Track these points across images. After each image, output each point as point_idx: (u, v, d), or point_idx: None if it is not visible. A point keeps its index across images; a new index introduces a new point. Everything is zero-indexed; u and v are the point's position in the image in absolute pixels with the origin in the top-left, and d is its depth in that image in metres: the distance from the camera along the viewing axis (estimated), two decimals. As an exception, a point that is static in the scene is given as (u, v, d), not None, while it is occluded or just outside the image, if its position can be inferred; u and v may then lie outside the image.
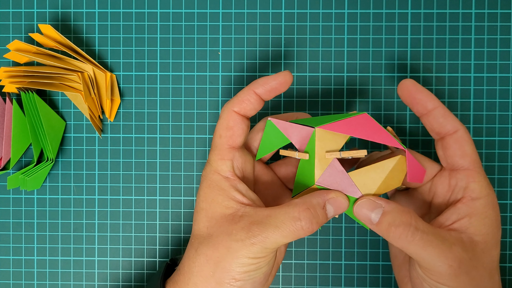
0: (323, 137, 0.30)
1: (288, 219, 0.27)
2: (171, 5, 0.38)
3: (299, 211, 0.27)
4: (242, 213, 0.28)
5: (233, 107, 0.30)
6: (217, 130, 0.31)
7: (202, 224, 0.29)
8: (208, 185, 0.30)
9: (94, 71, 0.37)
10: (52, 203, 0.39)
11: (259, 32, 0.38)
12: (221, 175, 0.30)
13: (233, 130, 0.30)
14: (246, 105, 0.30)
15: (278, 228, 0.27)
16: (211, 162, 0.30)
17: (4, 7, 0.39)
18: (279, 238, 0.27)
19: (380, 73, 0.38)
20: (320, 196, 0.28)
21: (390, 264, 0.38)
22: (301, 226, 0.27)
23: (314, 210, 0.27)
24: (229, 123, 0.30)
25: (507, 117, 0.38)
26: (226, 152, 0.30)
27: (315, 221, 0.27)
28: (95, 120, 0.37)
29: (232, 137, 0.30)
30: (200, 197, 0.30)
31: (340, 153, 0.29)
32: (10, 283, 0.39)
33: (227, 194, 0.29)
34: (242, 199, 0.29)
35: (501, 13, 0.38)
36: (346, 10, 0.38)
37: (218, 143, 0.30)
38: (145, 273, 0.39)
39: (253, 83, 0.30)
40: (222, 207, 0.29)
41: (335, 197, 0.28)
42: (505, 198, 0.38)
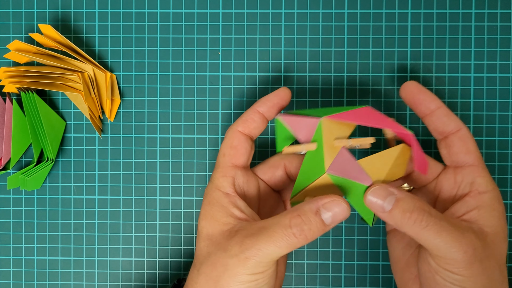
0: (329, 127, 0.30)
1: (280, 228, 0.26)
2: (171, 5, 0.38)
3: (290, 218, 0.26)
4: (238, 228, 0.28)
5: (237, 127, 0.31)
6: (221, 150, 0.31)
7: (203, 243, 0.29)
8: (208, 202, 0.30)
9: (94, 71, 0.37)
10: (52, 203, 0.39)
11: (259, 32, 0.38)
12: (222, 191, 0.30)
13: (237, 149, 0.31)
14: (250, 124, 0.31)
15: (270, 238, 0.26)
16: (213, 179, 0.31)
17: (4, 7, 0.39)
18: (273, 248, 0.26)
19: (380, 73, 0.38)
20: (313, 202, 0.27)
21: (390, 264, 0.38)
22: (292, 234, 0.26)
23: (305, 216, 0.26)
24: (233, 142, 0.31)
25: (507, 117, 0.38)
26: (228, 169, 0.30)
27: (307, 228, 0.26)
28: (95, 120, 0.37)
29: (235, 156, 0.31)
30: (201, 215, 0.30)
31: (349, 140, 0.29)
32: (10, 283, 0.39)
33: (226, 211, 0.29)
34: (240, 215, 0.29)
35: (501, 13, 0.38)
36: (346, 10, 0.38)
37: (221, 161, 0.31)
38: (145, 273, 0.39)
39: (255, 104, 0.31)
40: (220, 224, 0.29)
41: (330, 201, 0.27)
42: (505, 198, 0.38)
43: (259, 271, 0.26)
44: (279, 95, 0.31)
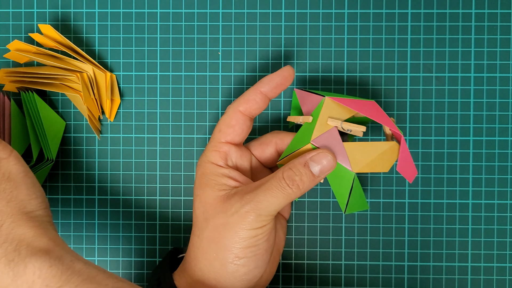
0: (330, 106, 0.32)
1: (275, 180, 0.29)
2: (171, 5, 0.38)
3: (283, 171, 0.29)
4: (235, 190, 0.30)
5: (238, 106, 0.31)
6: (218, 124, 0.32)
7: (198, 210, 0.30)
8: (202, 172, 0.31)
9: (94, 71, 0.37)
10: (52, 203, 0.39)
11: (259, 32, 0.38)
12: (214, 163, 0.31)
13: (234, 128, 0.31)
14: (252, 105, 0.31)
15: (268, 190, 0.28)
16: (206, 152, 0.32)
17: (4, 7, 0.39)
18: (271, 199, 0.28)
19: (380, 73, 0.38)
20: (302, 156, 0.30)
21: (390, 264, 0.38)
22: (286, 184, 0.28)
23: (295, 168, 0.29)
24: (231, 121, 0.31)
25: (507, 117, 0.38)
26: (221, 145, 0.31)
27: (298, 179, 0.29)
28: (94, 121, 0.37)
29: (231, 135, 0.31)
30: (195, 185, 0.31)
31: (342, 122, 0.31)
32: (10, 283, 0.39)
33: (220, 180, 0.30)
34: (235, 183, 0.30)
35: (501, 13, 0.38)
36: (346, 10, 0.38)
37: (217, 136, 0.32)
38: (145, 273, 0.39)
39: (258, 83, 0.31)
40: (215, 190, 0.30)
41: (316, 154, 0.29)
42: (505, 198, 0.38)
43: (259, 225, 0.28)
44: (282, 75, 0.31)
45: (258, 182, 0.30)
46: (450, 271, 0.38)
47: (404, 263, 0.38)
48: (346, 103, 0.31)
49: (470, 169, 0.38)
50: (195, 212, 0.31)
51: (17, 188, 0.27)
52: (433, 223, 0.38)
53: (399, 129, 0.31)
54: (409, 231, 0.38)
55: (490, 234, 0.38)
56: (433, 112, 0.38)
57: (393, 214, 0.38)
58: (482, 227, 0.38)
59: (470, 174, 0.38)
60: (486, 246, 0.38)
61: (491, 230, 0.38)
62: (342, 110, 0.32)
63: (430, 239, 0.38)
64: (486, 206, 0.38)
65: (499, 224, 0.38)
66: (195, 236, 0.31)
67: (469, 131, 0.38)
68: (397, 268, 0.38)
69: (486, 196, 0.38)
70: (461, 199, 0.38)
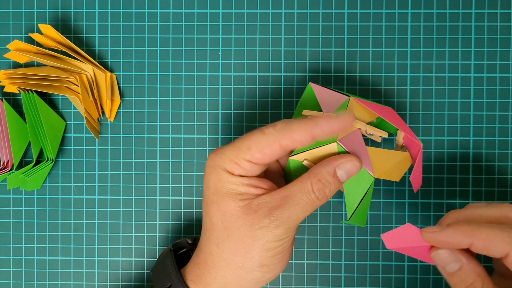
0: (354, 107, 0.31)
1: (304, 195, 0.28)
2: (171, 5, 0.38)
3: (311, 183, 0.28)
4: (258, 201, 0.28)
5: (282, 139, 0.28)
6: (250, 139, 0.28)
7: (216, 218, 0.29)
8: (218, 179, 0.29)
9: (94, 71, 0.37)
10: (52, 203, 0.39)
11: (259, 32, 0.38)
12: (230, 173, 0.29)
13: (264, 157, 0.28)
14: (296, 145, 0.28)
15: (297, 205, 0.28)
16: (224, 159, 0.29)
17: (4, 7, 0.39)
18: (300, 213, 0.28)
19: (380, 73, 0.38)
20: (329, 164, 0.29)
21: (390, 264, 0.38)
22: (316, 198, 0.28)
23: (325, 179, 0.28)
24: (266, 148, 0.28)
25: (507, 117, 0.38)
26: (245, 162, 0.28)
27: (328, 190, 0.28)
28: (92, 123, 0.37)
29: (259, 159, 0.28)
30: (210, 190, 0.29)
31: (366, 125, 0.31)
32: (10, 283, 0.39)
33: (240, 190, 0.29)
34: (256, 191, 0.29)
35: (501, 13, 0.38)
36: (346, 10, 0.38)
37: (243, 151, 0.28)
38: (145, 273, 0.39)
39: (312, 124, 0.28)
40: (235, 200, 0.28)
41: (345, 161, 0.29)
42: (505, 198, 0.38)
43: (286, 235, 0.28)
44: (342, 126, 0.28)
45: (283, 192, 0.28)
46: (450, 271, 0.38)
47: (404, 263, 0.38)
48: (369, 105, 0.31)
49: (470, 169, 0.38)
50: (211, 219, 0.29)
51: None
52: (433, 223, 0.38)
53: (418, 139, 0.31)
54: (409, 231, 0.38)
55: (490, 234, 0.38)
56: (433, 112, 0.38)
57: (393, 214, 0.38)
58: (482, 227, 0.38)
59: (470, 174, 0.38)
60: (486, 246, 0.38)
61: (491, 230, 0.38)
62: (366, 113, 0.32)
63: (430, 239, 0.38)
64: (486, 206, 0.38)
65: (499, 224, 0.38)
66: (212, 244, 0.29)
67: (469, 131, 0.38)
68: (397, 268, 0.38)
69: (486, 196, 0.38)
70: (461, 199, 0.38)
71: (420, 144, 0.31)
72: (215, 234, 0.29)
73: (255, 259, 0.28)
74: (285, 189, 0.28)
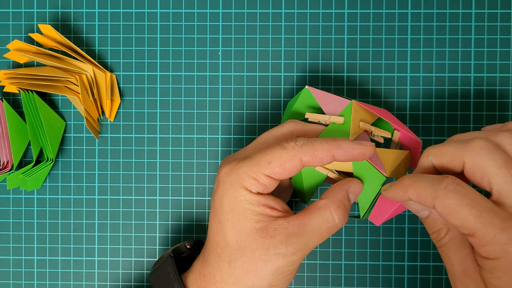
0: (358, 109, 0.32)
1: (324, 222, 0.28)
2: (171, 5, 0.38)
3: (331, 211, 0.28)
4: (275, 226, 0.28)
5: (303, 155, 0.28)
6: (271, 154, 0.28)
7: (230, 237, 0.29)
8: (234, 197, 0.28)
9: (94, 71, 0.37)
10: (52, 203, 0.39)
11: (259, 32, 0.38)
12: (249, 190, 0.28)
13: (285, 172, 0.28)
14: (316, 162, 0.28)
15: (316, 233, 0.28)
16: (242, 175, 0.28)
17: (4, 7, 0.39)
18: (317, 241, 0.28)
19: (380, 73, 0.38)
20: (342, 189, 0.29)
21: (390, 264, 0.38)
22: (336, 224, 0.29)
23: (343, 205, 0.29)
24: (287, 164, 0.28)
25: (507, 117, 0.38)
26: (264, 177, 0.28)
27: (347, 214, 0.29)
28: (92, 123, 0.37)
29: (278, 174, 0.28)
30: (224, 207, 0.29)
31: (372, 127, 0.32)
32: (10, 283, 0.39)
33: (256, 210, 0.28)
34: (272, 213, 0.28)
35: (501, 13, 0.38)
36: (346, 10, 0.38)
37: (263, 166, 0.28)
38: (145, 273, 0.39)
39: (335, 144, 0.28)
40: (252, 221, 0.28)
41: (353, 185, 0.30)
42: (505, 198, 0.38)
43: (300, 260, 0.29)
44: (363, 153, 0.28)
45: (300, 218, 0.28)
46: (450, 271, 0.38)
47: (404, 263, 0.38)
48: (370, 108, 0.32)
49: (470, 169, 0.38)
50: (225, 236, 0.29)
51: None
52: (433, 223, 0.38)
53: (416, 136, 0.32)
54: (409, 231, 0.38)
55: (490, 234, 0.38)
56: (433, 112, 0.38)
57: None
58: (482, 227, 0.38)
59: (470, 174, 0.38)
60: (486, 246, 0.38)
61: (491, 230, 0.38)
62: (367, 115, 0.33)
63: (430, 239, 0.38)
64: (486, 206, 0.38)
65: (499, 224, 0.38)
66: (224, 261, 0.29)
67: (469, 131, 0.38)
68: (397, 268, 0.38)
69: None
70: (461, 199, 0.38)
71: (419, 141, 0.32)
72: (228, 252, 0.29)
73: (266, 281, 0.28)
74: (303, 216, 0.28)
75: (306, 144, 0.28)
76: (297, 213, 0.29)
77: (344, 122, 0.32)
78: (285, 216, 0.29)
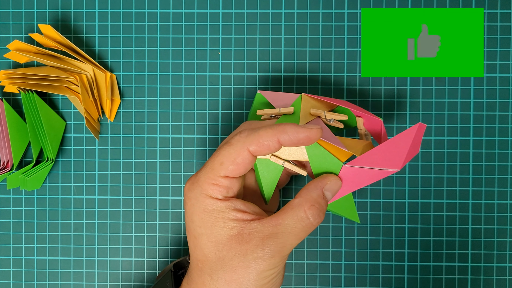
0: (308, 100, 0.32)
1: (298, 221, 0.28)
2: (171, 5, 0.38)
3: (305, 210, 0.28)
4: (249, 230, 0.28)
5: (249, 145, 0.28)
6: (220, 155, 0.28)
7: (208, 249, 0.28)
8: (203, 209, 0.28)
9: (94, 71, 0.37)
10: (52, 203, 0.39)
11: (259, 32, 0.38)
12: (215, 198, 0.28)
13: (238, 166, 0.28)
14: (264, 150, 0.28)
15: (291, 234, 0.28)
16: (203, 184, 0.28)
17: (4, 7, 0.39)
18: (294, 241, 0.28)
19: (380, 73, 0.38)
20: (317, 187, 0.29)
21: (390, 264, 0.38)
22: (311, 223, 0.28)
23: (318, 203, 0.28)
24: (237, 158, 0.28)
25: (507, 117, 0.38)
26: (222, 179, 0.28)
27: (322, 212, 0.29)
28: (92, 123, 0.37)
29: (234, 172, 0.28)
30: (195, 222, 0.29)
31: (325, 112, 0.31)
32: (10, 283, 0.39)
33: (227, 216, 0.28)
34: (244, 216, 0.28)
35: (501, 13, 0.38)
36: (346, 10, 0.38)
37: (217, 169, 0.28)
38: (145, 273, 0.39)
39: (279, 129, 0.28)
40: (225, 229, 0.28)
41: (330, 182, 0.29)
42: (505, 198, 0.38)
43: (280, 262, 0.28)
44: (309, 136, 0.28)
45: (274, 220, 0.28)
46: (450, 271, 0.38)
47: (404, 263, 0.38)
48: (321, 98, 0.32)
49: (470, 169, 0.38)
50: (202, 251, 0.29)
51: None
52: (433, 223, 0.38)
53: (376, 116, 0.32)
54: (409, 231, 0.38)
55: (490, 234, 0.38)
56: (433, 112, 0.38)
57: (393, 214, 0.38)
58: (482, 227, 0.38)
59: (470, 174, 0.38)
60: (486, 246, 0.38)
61: (491, 230, 0.38)
62: (320, 105, 0.32)
63: (430, 239, 0.38)
64: (486, 206, 0.38)
65: (499, 224, 0.38)
66: (206, 275, 0.29)
67: (469, 131, 0.38)
68: (397, 268, 0.38)
69: (486, 196, 0.38)
70: (461, 199, 0.38)
71: (380, 119, 0.31)
72: (208, 265, 0.29)
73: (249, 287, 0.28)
74: (277, 217, 0.28)
75: (251, 134, 0.28)
76: (272, 215, 0.28)
77: (294, 112, 0.31)
78: (259, 219, 0.28)
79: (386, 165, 0.28)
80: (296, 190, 0.39)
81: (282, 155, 0.30)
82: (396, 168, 0.28)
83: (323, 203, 0.29)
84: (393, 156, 0.28)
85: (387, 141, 0.28)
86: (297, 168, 0.30)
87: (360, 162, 0.29)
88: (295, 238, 0.28)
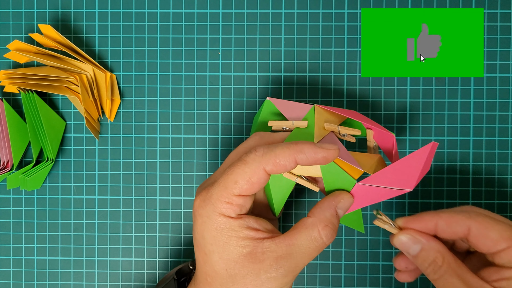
0: (321, 113, 0.31)
1: (311, 242, 0.28)
2: (171, 5, 0.38)
3: (319, 230, 0.28)
4: (262, 249, 0.27)
5: (266, 165, 0.27)
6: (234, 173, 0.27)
7: (219, 266, 0.28)
8: (215, 228, 0.28)
9: (94, 71, 0.37)
10: (52, 203, 0.39)
11: (259, 32, 0.38)
12: (228, 216, 0.28)
13: (253, 185, 0.27)
14: (280, 170, 0.27)
15: (305, 254, 0.28)
16: (215, 202, 0.28)
17: (4, 7, 0.39)
18: (307, 260, 0.28)
19: (380, 73, 0.38)
20: (330, 206, 0.29)
21: (390, 264, 0.38)
22: (324, 243, 0.28)
23: (331, 223, 0.28)
24: (253, 177, 0.27)
25: (507, 117, 0.38)
26: (236, 198, 0.27)
27: (335, 232, 0.29)
28: (92, 123, 0.37)
29: (247, 190, 0.27)
30: (206, 239, 0.28)
31: (338, 127, 0.31)
32: (10, 283, 0.39)
33: (240, 235, 0.27)
34: (257, 235, 0.28)
35: (501, 13, 0.38)
36: (346, 10, 0.38)
37: (231, 187, 0.27)
38: (145, 273, 0.39)
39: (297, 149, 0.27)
40: (238, 247, 0.27)
41: (342, 200, 0.29)
42: (505, 198, 0.38)
43: (292, 280, 0.28)
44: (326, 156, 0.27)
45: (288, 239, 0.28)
46: (450, 271, 0.38)
47: (404, 263, 0.38)
48: (334, 109, 0.32)
49: (470, 169, 0.38)
50: (212, 267, 0.28)
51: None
52: (433, 223, 0.38)
53: (388, 131, 0.31)
54: (409, 231, 0.38)
55: (490, 234, 0.38)
56: (433, 112, 0.38)
57: (393, 214, 0.38)
58: (482, 227, 0.38)
59: (470, 174, 0.38)
60: (486, 246, 0.38)
61: (491, 230, 0.38)
62: (333, 118, 0.32)
63: (430, 239, 0.38)
64: (486, 206, 0.38)
65: (499, 224, 0.38)
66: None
67: (469, 131, 0.38)
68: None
69: (486, 196, 0.38)
70: (461, 199, 0.38)
71: (392, 135, 0.31)
72: (218, 281, 0.28)
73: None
74: (290, 237, 0.28)
75: (267, 152, 0.27)
76: (285, 233, 0.28)
77: (308, 125, 0.31)
78: (272, 237, 0.28)
79: (398, 185, 0.28)
80: (308, 203, 0.39)
81: (295, 171, 0.30)
82: (408, 188, 0.28)
83: (336, 223, 0.29)
84: (406, 175, 0.28)
85: (399, 160, 0.28)
86: (309, 184, 0.30)
87: (372, 180, 0.29)
88: (308, 258, 0.28)
